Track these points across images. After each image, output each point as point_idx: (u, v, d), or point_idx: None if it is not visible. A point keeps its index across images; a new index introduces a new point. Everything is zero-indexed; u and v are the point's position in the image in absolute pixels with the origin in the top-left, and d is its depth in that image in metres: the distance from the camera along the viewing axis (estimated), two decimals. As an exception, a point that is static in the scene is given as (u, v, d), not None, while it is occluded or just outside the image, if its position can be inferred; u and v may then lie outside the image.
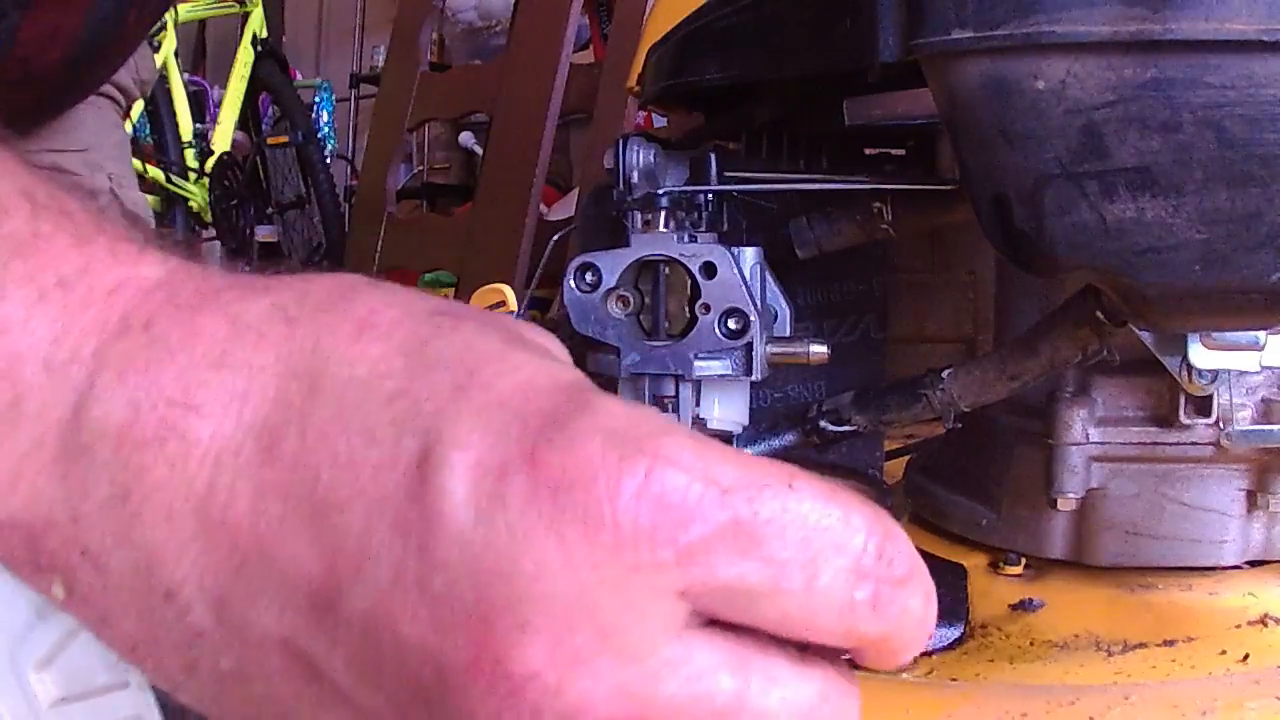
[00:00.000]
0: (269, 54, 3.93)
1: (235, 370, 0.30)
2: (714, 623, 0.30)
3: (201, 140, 3.75)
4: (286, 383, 0.30)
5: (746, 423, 0.74)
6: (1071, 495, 0.70)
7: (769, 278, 0.75)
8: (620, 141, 0.73)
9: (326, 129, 4.37)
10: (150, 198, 3.34)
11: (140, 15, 0.89)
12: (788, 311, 0.76)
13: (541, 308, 2.86)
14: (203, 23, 4.53)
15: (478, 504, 0.28)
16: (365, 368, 0.30)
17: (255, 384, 0.30)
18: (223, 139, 3.78)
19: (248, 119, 3.98)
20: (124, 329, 0.31)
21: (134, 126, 3.52)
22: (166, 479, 0.30)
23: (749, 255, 0.72)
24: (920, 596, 0.31)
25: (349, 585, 0.28)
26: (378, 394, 0.29)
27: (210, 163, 3.68)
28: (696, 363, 0.70)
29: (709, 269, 0.69)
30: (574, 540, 0.28)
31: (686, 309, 0.70)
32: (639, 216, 0.72)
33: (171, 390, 0.30)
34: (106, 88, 1.06)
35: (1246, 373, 0.67)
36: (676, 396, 0.72)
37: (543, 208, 3.19)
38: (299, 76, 4.49)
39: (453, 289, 3.28)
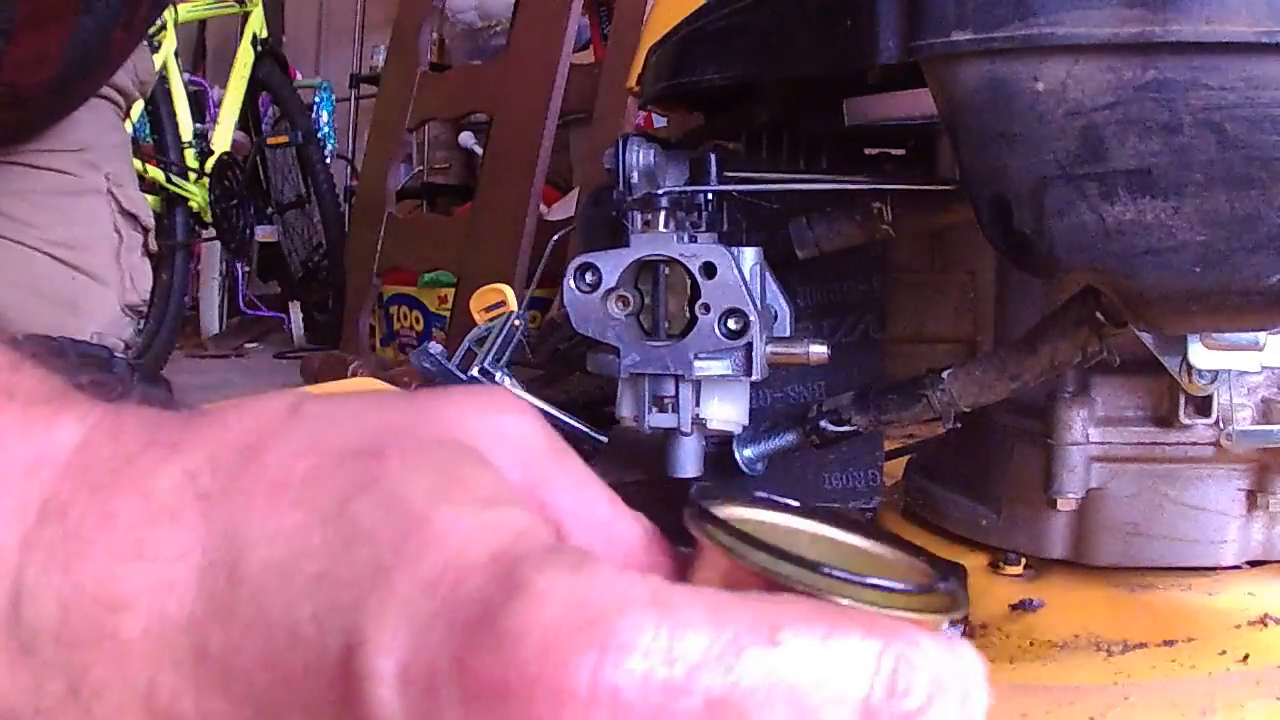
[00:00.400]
0: (269, 54, 3.93)
1: (154, 561, 0.28)
2: None
3: (201, 140, 3.74)
4: (207, 572, 0.28)
5: (746, 423, 0.74)
6: (1071, 495, 0.70)
7: (769, 278, 0.75)
8: (620, 141, 0.73)
9: (326, 129, 4.36)
10: (150, 198, 3.33)
11: (126, 33, 0.89)
12: (788, 311, 0.76)
13: (541, 308, 2.86)
14: (203, 23, 4.52)
15: (410, 718, 0.26)
16: (283, 548, 0.28)
17: (177, 574, 0.28)
18: (223, 139, 3.78)
19: (248, 119, 3.97)
20: (44, 518, 0.29)
21: (134, 126, 3.51)
22: (109, 678, 0.28)
23: (749, 255, 0.72)
24: (951, 708, 0.28)
25: None
26: (297, 581, 0.27)
27: (210, 163, 3.67)
28: (696, 363, 0.70)
29: (709, 269, 0.69)
30: None
31: (686, 309, 0.70)
32: (639, 216, 0.72)
33: (95, 589, 0.28)
34: (104, 89, 1.06)
35: (1246, 373, 0.67)
36: (676, 396, 0.72)
37: (543, 208, 3.19)
38: (299, 76, 4.49)
39: (453, 289, 3.28)
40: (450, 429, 0.31)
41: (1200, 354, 0.64)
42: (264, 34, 3.91)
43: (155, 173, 3.49)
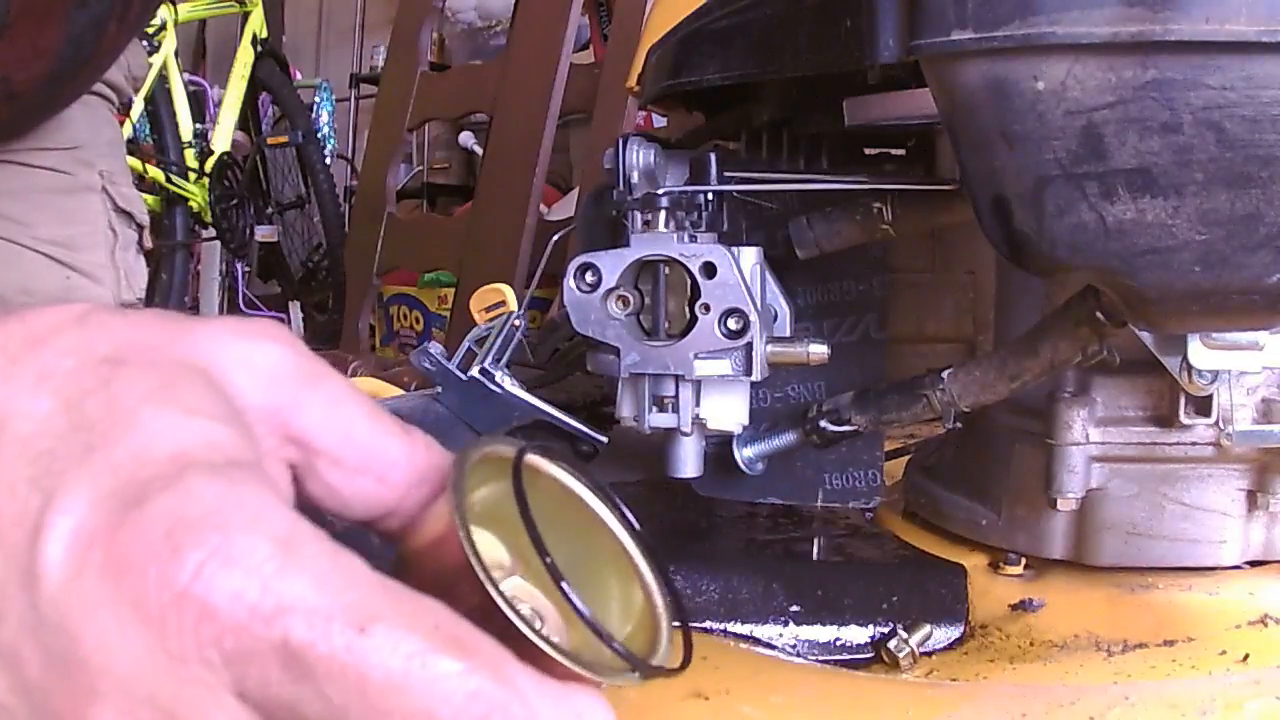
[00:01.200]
0: (269, 54, 3.93)
1: None
2: None
3: (201, 140, 3.74)
4: None
5: (746, 422, 0.74)
6: (1071, 495, 0.70)
7: (769, 278, 0.75)
8: (620, 141, 0.73)
9: (326, 129, 4.36)
10: (150, 198, 3.33)
11: (120, 27, 0.88)
12: (788, 311, 0.76)
13: (541, 308, 2.86)
14: (203, 23, 4.52)
15: (67, 570, 0.29)
16: (32, 424, 0.32)
17: None
18: (223, 139, 3.78)
19: (248, 119, 3.97)
20: None
21: (134, 127, 3.51)
22: None
23: (749, 255, 0.72)
24: None
25: None
26: (31, 451, 0.32)
27: (210, 163, 3.67)
28: (696, 363, 0.70)
29: (709, 269, 0.69)
30: (128, 622, 0.29)
31: (686, 309, 0.70)
32: (639, 216, 0.72)
33: None
34: (97, 85, 1.06)
35: (1246, 373, 0.67)
36: (676, 396, 0.72)
37: (543, 208, 3.19)
38: (299, 76, 4.49)
39: (453, 289, 3.28)
40: (196, 351, 0.35)
41: (1200, 354, 0.64)
42: (264, 34, 3.91)
43: (155, 173, 3.49)
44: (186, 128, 3.65)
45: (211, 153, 3.71)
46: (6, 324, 0.34)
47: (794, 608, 0.73)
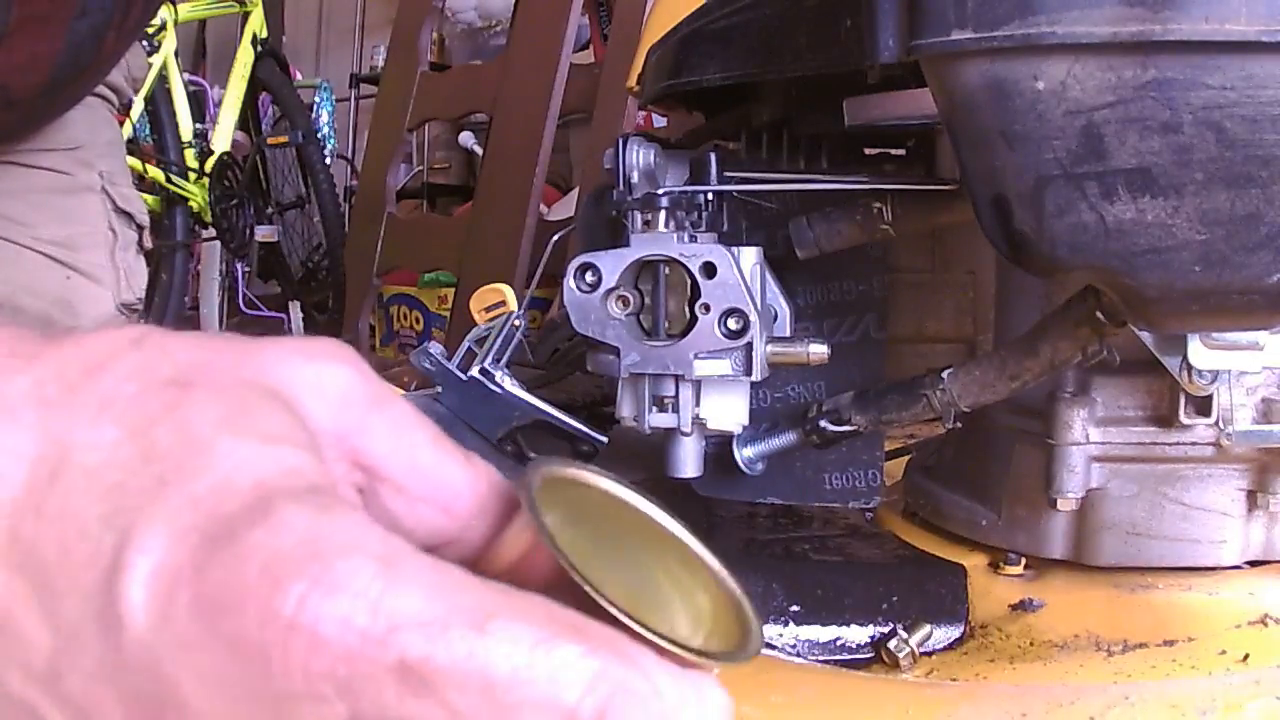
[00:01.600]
0: (269, 54, 3.92)
1: None
2: None
3: (201, 140, 3.74)
4: (35, 468, 0.31)
5: (746, 423, 0.74)
6: (1071, 495, 0.70)
7: (769, 278, 0.75)
8: (620, 141, 0.73)
9: (326, 129, 4.36)
10: (150, 198, 3.33)
11: (119, 36, 0.88)
12: (788, 311, 0.76)
13: (541, 308, 2.86)
14: (203, 23, 4.52)
15: (151, 612, 0.28)
16: (98, 456, 0.31)
17: (10, 467, 0.31)
18: (223, 139, 3.78)
19: (248, 119, 3.97)
20: None
21: (134, 127, 3.51)
22: None
23: (749, 255, 0.72)
24: None
25: (68, 667, 0.30)
26: (100, 485, 0.30)
27: (210, 163, 3.67)
28: (696, 363, 0.70)
29: (709, 269, 0.69)
30: (227, 664, 0.28)
31: (686, 309, 0.70)
32: (639, 216, 0.72)
33: None
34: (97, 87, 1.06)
35: (1246, 373, 0.67)
36: (676, 396, 0.72)
37: (543, 208, 3.19)
38: (299, 76, 4.49)
39: (453, 289, 3.28)
40: (265, 373, 0.33)
41: (1200, 354, 0.64)
42: (264, 34, 3.90)
43: (155, 173, 3.49)
44: (186, 128, 3.65)
45: (211, 153, 3.70)
46: (60, 349, 0.33)
47: (794, 608, 0.73)
